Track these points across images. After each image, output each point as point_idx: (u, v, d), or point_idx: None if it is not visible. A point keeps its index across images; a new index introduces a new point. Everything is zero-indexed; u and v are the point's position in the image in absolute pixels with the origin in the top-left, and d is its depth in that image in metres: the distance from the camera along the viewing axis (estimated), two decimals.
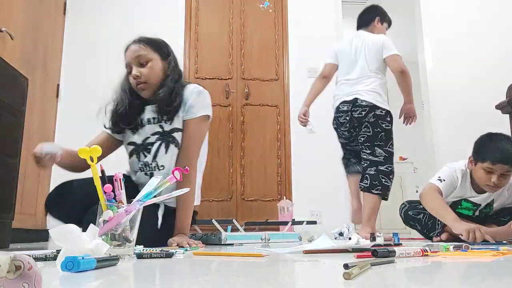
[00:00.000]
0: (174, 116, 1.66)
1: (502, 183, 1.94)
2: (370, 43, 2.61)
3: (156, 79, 1.67)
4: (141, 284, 0.61)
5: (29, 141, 2.77)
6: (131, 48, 1.69)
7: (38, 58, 2.99)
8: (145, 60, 1.66)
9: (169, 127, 1.68)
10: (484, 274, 0.71)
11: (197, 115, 1.67)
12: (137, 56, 1.66)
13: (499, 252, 1.14)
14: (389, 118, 2.53)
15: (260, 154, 3.55)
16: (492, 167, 1.91)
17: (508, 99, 2.63)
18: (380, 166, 2.45)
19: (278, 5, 3.81)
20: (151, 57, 1.68)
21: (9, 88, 1.89)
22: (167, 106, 1.64)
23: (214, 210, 3.38)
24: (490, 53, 3.78)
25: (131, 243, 1.00)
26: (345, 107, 2.58)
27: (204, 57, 3.65)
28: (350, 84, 2.60)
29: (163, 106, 1.64)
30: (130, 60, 1.68)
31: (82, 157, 1.06)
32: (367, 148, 2.50)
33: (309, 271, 0.81)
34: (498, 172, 1.91)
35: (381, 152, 2.47)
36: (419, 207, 2.22)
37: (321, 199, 3.47)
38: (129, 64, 1.68)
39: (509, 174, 1.94)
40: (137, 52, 1.67)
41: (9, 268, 0.40)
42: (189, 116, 1.67)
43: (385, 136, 2.49)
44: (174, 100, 1.64)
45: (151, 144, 1.68)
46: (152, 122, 1.70)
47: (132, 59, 1.67)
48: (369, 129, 2.49)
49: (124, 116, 1.70)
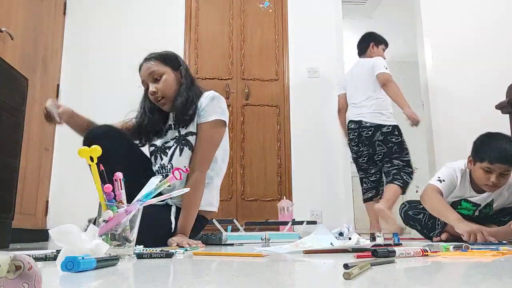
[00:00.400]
0: (190, 123, 1.74)
1: (501, 182, 1.95)
2: (364, 68, 3.05)
3: (172, 91, 1.75)
4: (141, 284, 0.61)
5: (29, 141, 2.77)
6: (144, 67, 1.78)
7: (38, 58, 2.99)
8: (158, 75, 1.74)
9: (184, 131, 1.76)
10: (484, 274, 0.71)
11: (209, 120, 1.72)
12: (150, 73, 1.74)
13: (499, 252, 1.14)
14: (397, 131, 2.89)
15: (260, 154, 3.55)
16: (491, 167, 1.91)
17: (508, 99, 2.63)
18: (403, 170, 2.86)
19: (278, 5, 3.81)
20: (163, 71, 1.75)
21: (9, 88, 1.89)
22: (183, 115, 1.72)
23: None
24: (490, 53, 3.78)
25: (131, 243, 1.01)
26: (352, 125, 3.03)
27: (204, 57, 3.65)
28: (356, 107, 3.01)
29: (180, 116, 1.73)
30: (144, 78, 1.77)
31: (82, 157, 1.07)
32: (386, 162, 2.89)
33: (309, 271, 0.81)
34: (497, 172, 1.91)
35: (399, 162, 2.87)
36: (419, 207, 2.23)
37: (321, 199, 3.47)
38: (145, 82, 1.78)
39: (508, 174, 1.94)
40: (150, 69, 1.75)
41: (9, 268, 0.40)
42: (202, 120, 1.73)
43: (398, 149, 2.86)
44: (190, 108, 1.72)
45: (169, 148, 1.77)
46: (172, 128, 1.80)
47: (146, 77, 1.76)
48: (382, 146, 2.87)
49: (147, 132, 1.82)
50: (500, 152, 1.90)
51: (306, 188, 3.48)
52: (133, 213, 1.01)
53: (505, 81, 2.77)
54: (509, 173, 1.94)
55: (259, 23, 3.77)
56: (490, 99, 2.94)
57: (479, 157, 1.97)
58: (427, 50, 3.83)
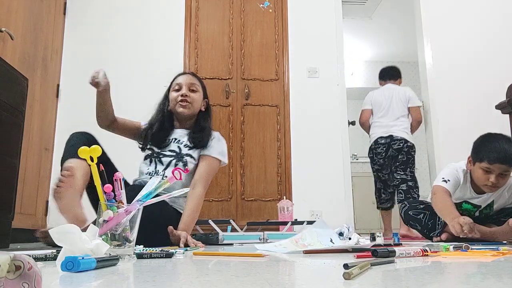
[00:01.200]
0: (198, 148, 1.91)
1: (500, 183, 1.94)
2: (399, 94, 3.53)
3: (197, 108, 1.98)
4: (141, 284, 0.61)
5: (29, 141, 2.77)
6: (189, 76, 2.01)
7: (38, 58, 2.99)
8: (196, 89, 1.98)
9: (185, 151, 1.90)
10: (484, 274, 0.71)
11: (212, 155, 1.91)
12: (192, 84, 1.97)
13: (499, 252, 1.14)
14: (414, 149, 3.45)
15: (260, 154, 3.55)
16: (490, 167, 1.91)
17: (508, 99, 2.63)
18: (409, 182, 3.33)
19: (278, 5, 3.81)
20: (199, 90, 2.00)
21: (9, 88, 1.89)
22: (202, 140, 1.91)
23: (214, 210, 3.38)
24: (490, 53, 3.78)
25: (131, 243, 1.01)
26: (383, 140, 3.45)
27: (204, 57, 3.65)
28: (385, 125, 3.47)
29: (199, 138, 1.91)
30: (183, 82, 1.96)
31: (82, 157, 1.07)
32: (401, 170, 3.38)
33: (309, 271, 0.81)
34: (496, 172, 1.91)
35: (409, 173, 3.37)
36: (419, 207, 2.23)
37: (321, 199, 3.47)
38: (180, 85, 1.96)
39: (507, 174, 1.93)
40: (193, 80, 1.99)
41: (9, 268, 0.40)
42: (206, 153, 1.91)
43: (411, 162, 3.41)
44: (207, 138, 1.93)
45: (164, 156, 1.89)
46: (174, 142, 1.94)
47: (186, 83, 1.96)
48: (404, 156, 3.38)
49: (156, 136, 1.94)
50: (500, 152, 1.89)
51: (306, 188, 3.48)
52: (133, 213, 1.01)
53: (505, 81, 2.76)
54: (508, 174, 1.94)
55: (259, 23, 3.77)
56: (490, 99, 2.95)
57: (478, 157, 1.97)
58: (427, 50, 3.83)
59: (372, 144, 3.51)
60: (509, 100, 2.59)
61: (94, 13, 3.59)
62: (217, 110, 3.55)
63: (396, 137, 3.38)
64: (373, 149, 3.50)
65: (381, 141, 3.44)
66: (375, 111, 3.56)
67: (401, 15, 5.33)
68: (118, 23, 3.60)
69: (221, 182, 3.45)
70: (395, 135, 3.39)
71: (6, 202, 1.84)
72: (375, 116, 3.55)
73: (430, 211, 2.16)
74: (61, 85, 3.37)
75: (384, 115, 3.49)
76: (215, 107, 3.56)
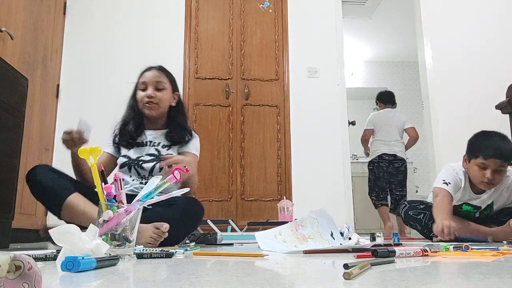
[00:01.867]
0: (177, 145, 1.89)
1: (496, 179, 1.95)
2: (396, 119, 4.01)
3: (165, 106, 1.91)
4: (141, 284, 0.61)
5: (29, 141, 2.77)
6: (153, 72, 1.92)
7: (38, 58, 2.99)
8: (162, 87, 1.89)
9: (165, 152, 1.87)
10: (484, 274, 0.71)
11: (192, 151, 1.91)
12: (157, 81, 1.89)
13: (499, 252, 1.14)
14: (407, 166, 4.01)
15: (260, 154, 3.55)
16: (485, 162, 1.93)
17: (508, 99, 2.63)
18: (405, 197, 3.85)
19: (278, 5, 3.81)
20: (167, 87, 1.91)
21: (9, 88, 1.89)
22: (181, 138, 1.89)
23: (214, 210, 3.38)
24: (490, 53, 3.77)
25: (131, 243, 1.01)
26: (387, 157, 3.89)
27: (204, 57, 3.65)
28: (386, 143, 3.92)
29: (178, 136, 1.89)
30: (148, 81, 1.89)
31: (82, 157, 1.07)
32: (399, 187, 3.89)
33: (309, 271, 0.81)
34: (492, 168, 1.92)
35: (404, 189, 3.93)
36: (420, 207, 2.23)
37: (321, 199, 3.46)
38: (146, 84, 1.89)
39: (503, 170, 1.94)
40: (158, 77, 1.90)
41: (9, 268, 0.40)
42: (186, 150, 1.91)
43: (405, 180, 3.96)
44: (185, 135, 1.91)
45: (145, 162, 1.83)
46: (149, 145, 1.89)
47: (151, 82, 1.89)
48: (402, 175, 3.90)
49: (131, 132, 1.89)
50: (494, 147, 1.92)
51: (306, 188, 3.48)
52: (133, 213, 1.01)
53: (505, 81, 2.76)
54: (504, 170, 1.95)
55: (259, 23, 3.77)
56: (490, 99, 2.94)
57: (474, 154, 1.99)
58: (427, 50, 3.83)
59: (375, 158, 3.92)
60: (509, 100, 2.59)
61: (94, 13, 3.59)
62: (217, 110, 3.55)
63: (398, 157, 3.87)
64: (375, 162, 3.92)
65: (385, 157, 3.88)
66: (377, 131, 4.01)
67: (401, 15, 5.33)
68: (118, 23, 3.60)
69: (221, 182, 3.46)
70: (398, 155, 3.87)
71: (6, 202, 1.84)
72: (378, 134, 4.00)
73: (430, 211, 2.16)
74: (61, 85, 3.36)
75: (386, 135, 3.95)
76: (215, 107, 3.56)
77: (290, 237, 1.31)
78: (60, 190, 1.55)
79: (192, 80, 3.57)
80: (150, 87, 1.87)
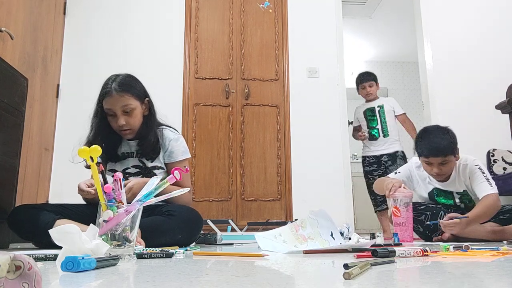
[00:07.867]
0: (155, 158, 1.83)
1: (444, 170, 2.08)
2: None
3: (138, 124, 1.79)
4: (141, 284, 0.61)
5: (29, 141, 2.77)
6: (116, 97, 1.72)
7: (38, 58, 2.99)
8: (130, 109, 1.74)
9: (150, 164, 1.83)
10: (484, 274, 0.71)
11: (178, 159, 1.85)
12: (124, 106, 1.73)
13: (499, 252, 1.14)
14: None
15: (260, 154, 3.55)
16: (427, 160, 2.07)
17: (508, 99, 2.63)
18: None
19: (278, 5, 3.81)
20: (135, 106, 1.76)
21: (9, 88, 1.89)
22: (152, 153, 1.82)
23: (214, 210, 3.38)
24: (490, 53, 3.78)
25: (131, 243, 1.01)
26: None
27: (204, 57, 3.65)
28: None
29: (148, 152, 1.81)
30: (114, 109, 1.73)
31: (82, 157, 1.07)
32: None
33: (309, 271, 0.81)
34: (435, 163, 2.05)
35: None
36: (419, 208, 2.23)
37: (321, 199, 3.46)
38: (112, 110, 1.74)
39: (447, 162, 2.05)
40: (122, 102, 1.72)
41: (9, 268, 0.40)
42: (172, 160, 1.84)
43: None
44: (156, 145, 1.82)
45: (131, 175, 1.81)
46: (131, 156, 1.84)
47: (117, 108, 1.73)
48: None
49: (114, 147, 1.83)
50: (430, 147, 2.04)
51: (306, 188, 3.48)
52: (133, 213, 1.01)
53: (505, 81, 2.77)
54: (448, 161, 2.05)
55: (259, 23, 3.77)
56: (490, 99, 2.95)
57: (418, 152, 2.13)
58: (427, 50, 3.83)
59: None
60: (509, 100, 2.59)
61: (94, 13, 3.59)
62: (217, 110, 3.55)
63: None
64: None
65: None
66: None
67: (401, 15, 5.33)
68: (118, 23, 3.59)
69: (221, 182, 3.46)
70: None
71: (6, 202, 1.84)
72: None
73: (431, 212, 2.17)
74: (61, 85, 3.36)
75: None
76: (215, 107, 3.56)
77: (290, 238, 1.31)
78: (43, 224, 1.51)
79: (192, 80, 3.57)
80: (120, 116, 1.73)
